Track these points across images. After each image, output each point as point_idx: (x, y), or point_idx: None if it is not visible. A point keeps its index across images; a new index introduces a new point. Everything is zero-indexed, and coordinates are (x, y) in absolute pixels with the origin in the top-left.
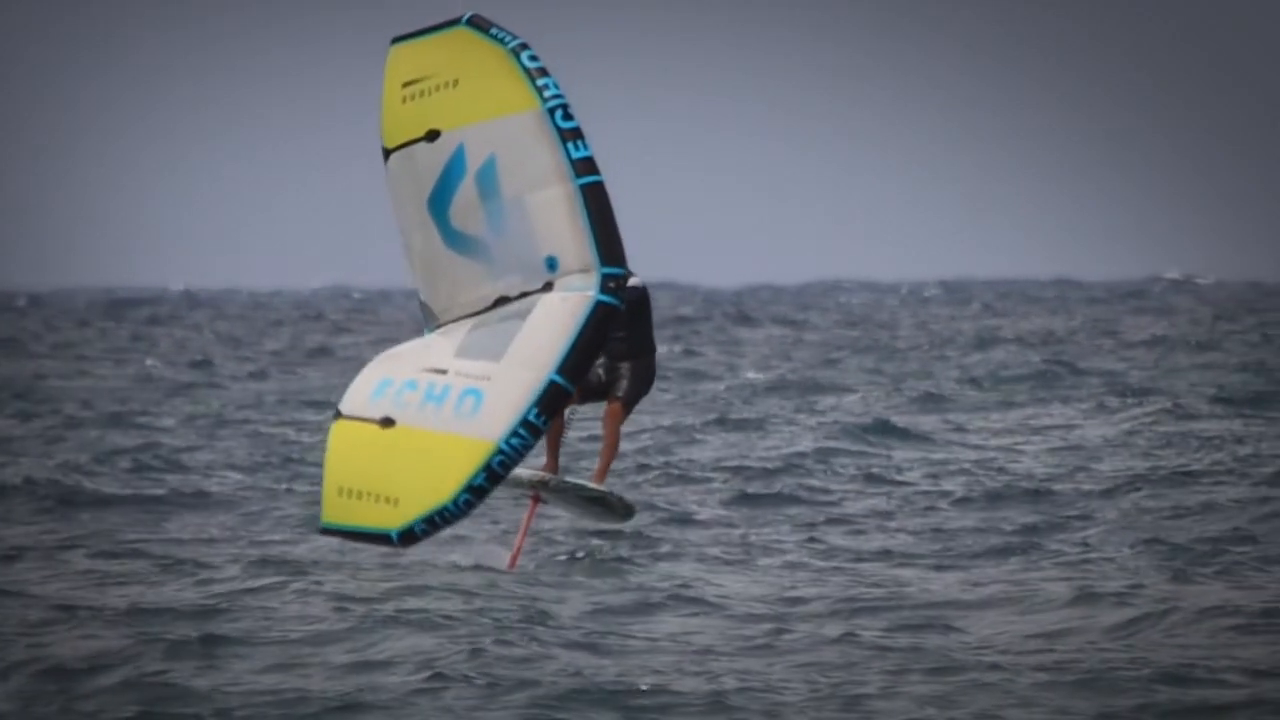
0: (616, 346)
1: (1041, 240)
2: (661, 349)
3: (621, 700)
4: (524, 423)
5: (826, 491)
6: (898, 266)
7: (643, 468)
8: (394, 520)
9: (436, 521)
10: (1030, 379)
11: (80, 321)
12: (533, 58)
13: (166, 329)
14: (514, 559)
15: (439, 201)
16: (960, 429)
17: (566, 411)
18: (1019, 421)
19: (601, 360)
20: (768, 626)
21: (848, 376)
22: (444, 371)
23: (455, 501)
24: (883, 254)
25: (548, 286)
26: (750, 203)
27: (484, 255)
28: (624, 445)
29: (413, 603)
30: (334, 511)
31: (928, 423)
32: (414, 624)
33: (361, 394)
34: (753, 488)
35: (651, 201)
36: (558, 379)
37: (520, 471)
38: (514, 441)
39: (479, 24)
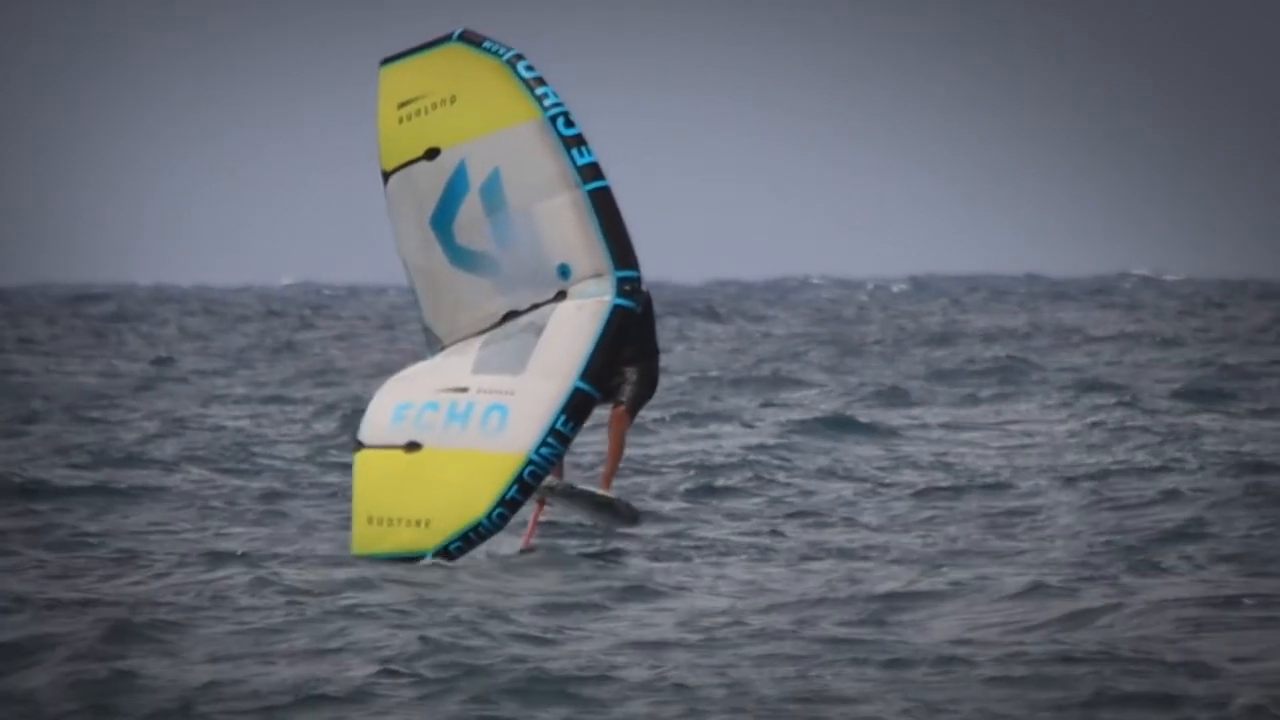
0: (633, 344)
1: (1012, 236)
2: None
3: (574, 690)
4: (553, 432)
5: (786, 486)
6: (867, 262)
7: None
8: (427, 541)
9: (471, 538)
10: (993, 374)
11: (47, 318)
12: (529, 68)
13: (131, 324)
14: (528, 538)
15: (442, 219)
16: (921, 424)
17: None
18: (979, 416)
19: None
20: (725, 619)
21: (811, 372)
22: (465, 390)
23: (490, 516)
24: (852, 250)
25: (560, 295)
26: (718, 198)
27: (491, 270)
28: (586, 438)
29: (367, 596)
30: (364, 540)
31: (889, 417)
32: (366, 616)
33: (380, 421)
34: (714, 481)
35: (618, 197)
36: (583, 385)
37: None
38: (544, 451)
39: (471, 39)
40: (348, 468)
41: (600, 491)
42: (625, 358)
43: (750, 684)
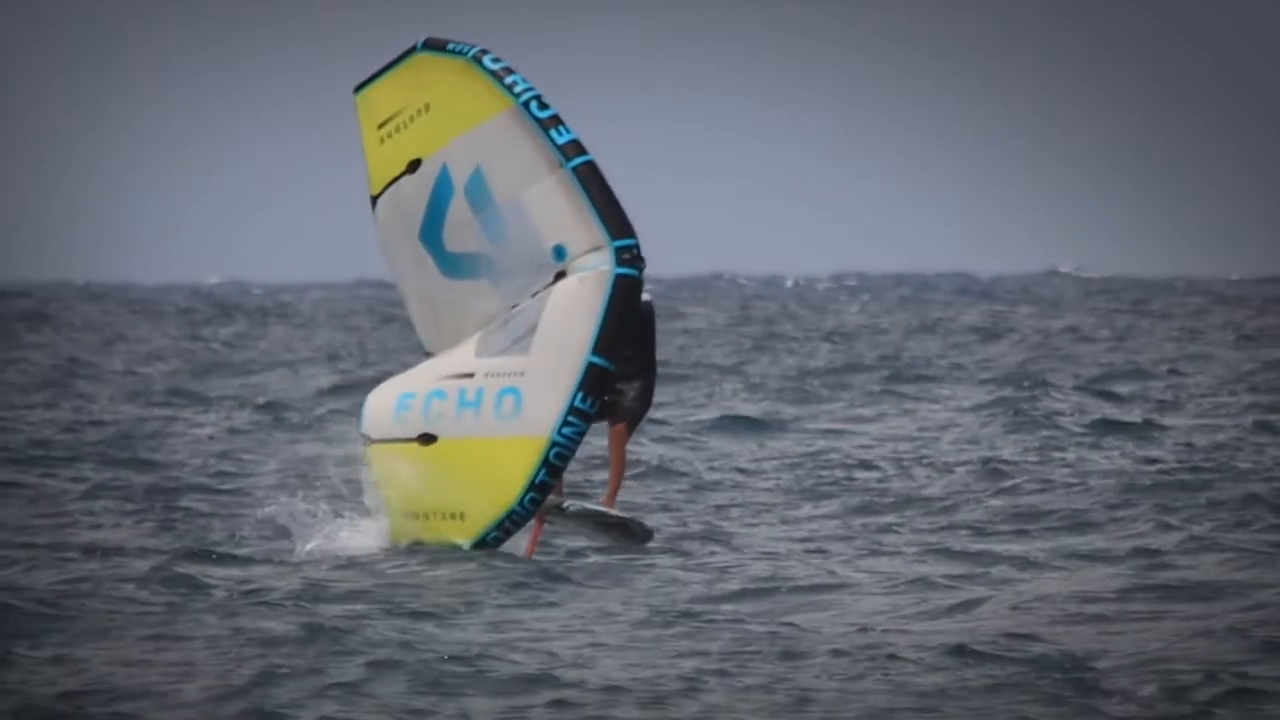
0: (621, 367)
1: (941, 235)
2: None
3: (455, 683)
4: (573, 410)
5: (695, 483)
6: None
7: None
8: (465, 534)
9: (508, 527)
10: (900, 370)
11: None
12: (495, 60)
13: (53, 323)
14: (530, 549)
15: (430, 229)
16: (816, 419)
17: None
18: (881, 411)
19: None
20: (643, 616)
21: (718, 370)
22: (471, 375)
23: (522, 503)
24: (775, 247)
25: (560, 276)
26: (636, 193)
27: (486, 270)
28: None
29: (276, 582)
30: (403, 534)
31: (785, 412)
32: (273, 605)
33: (383, 413)
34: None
35: None
36: (596, 359)
37: None
38: (566, 431)
39: (434, 45)
40: (249, 461)
41: (612, 511)
42: (625, 373)
43: (669, 680)
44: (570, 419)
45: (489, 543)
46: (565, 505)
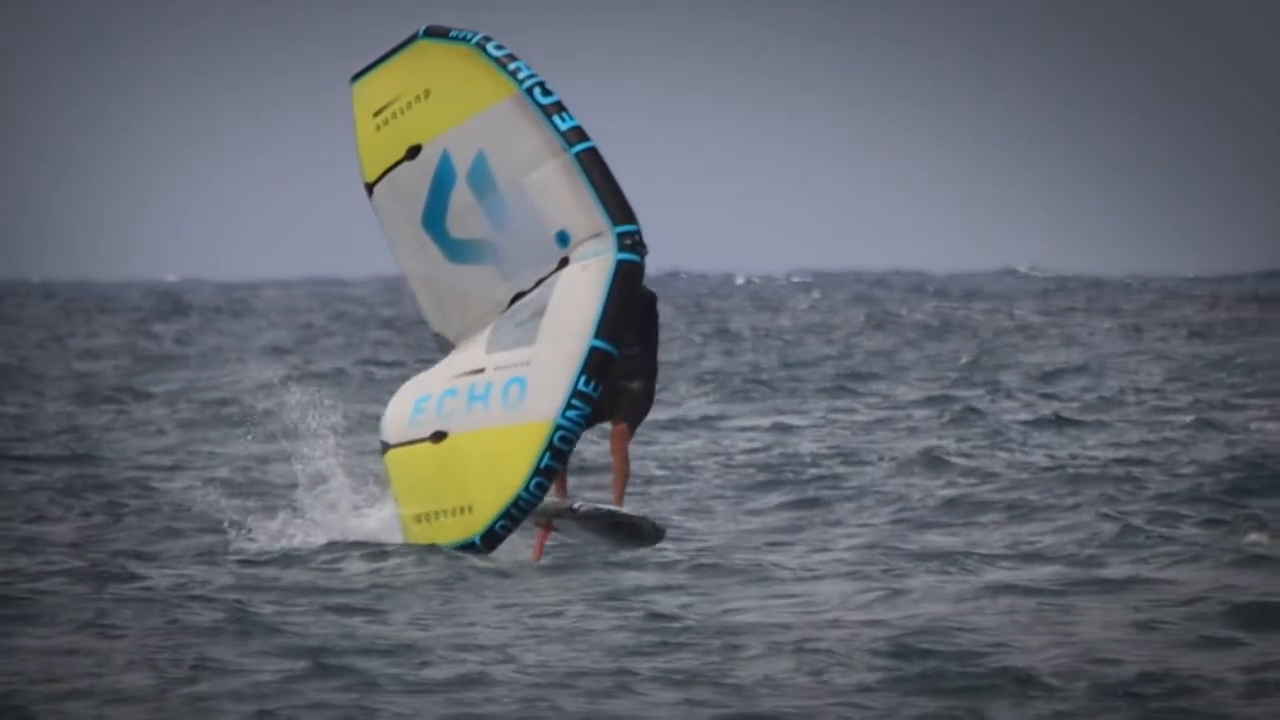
0: (625, 365)
1: (896, 233)
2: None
3: (367, 665)
4: (576, 393)
5: (646, 478)
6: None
7: None
8: (473, 527)
9: (514, 514)
10: (850, 366)
11: None
12: (498, 47)
13: (3, 320)
14: (537, 554)
15: (433, 216)
16: (772, 415)
17: None
18: (829, 406)
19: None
20: (581, 609)
21: (670, 365)
22: (480, 371)
23: (528, 488)
24: (731, 245)
25: (563, 263)
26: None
27: (490, 256)
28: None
29: (213, 577)
30: (416, 538)
31: (740, 410)
32: (208, 600)
33: (399, 419)
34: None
35: None
36: (598, 343)
37: (543, 500)
38: (570, 414)
39: (436, 32)
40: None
41: (622, 510)
42: (627, 371)
43: (574, 670)
44: (574, 402)
45: (498, 533)
46: (575, 506)
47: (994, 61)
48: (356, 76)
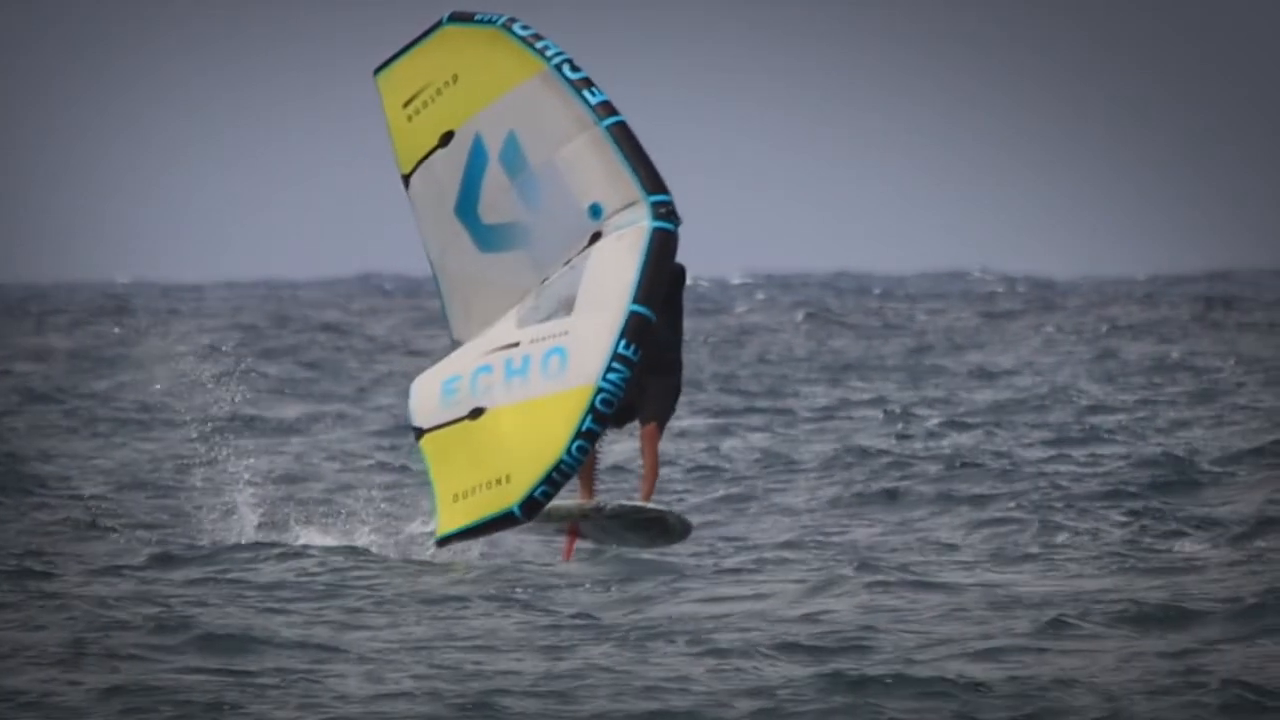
0: (651, 359)
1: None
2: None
3: (298, 653)
4: (616, 356)
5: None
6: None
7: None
8: (511, 496)
9: (555, 479)
10: (784, 369)
11: None
12: (524, 27)
13: None
14: (568, 553)
15: (466, 203)
16: (705, 417)
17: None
18: (753, 408)
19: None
20: (487, 608)
21: None
22: (515, 344)
23: (570, 451)
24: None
25: (595, 239)
26: None
27: (523, 240)
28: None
29: (129, 574)
30: (450, 519)
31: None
32: (116, 600)
33: (429, 402)
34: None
35: None
36: (637, 308)
37: (568, 502)
38: (611, 377)
39: (460, 17)
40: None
41: (650, 505)
42: (655, 365)
43: (483, 670)
44: (615, 365)
45: (538, 500)
46: (602, 506)
47: (946, 61)
48: (379, 69)
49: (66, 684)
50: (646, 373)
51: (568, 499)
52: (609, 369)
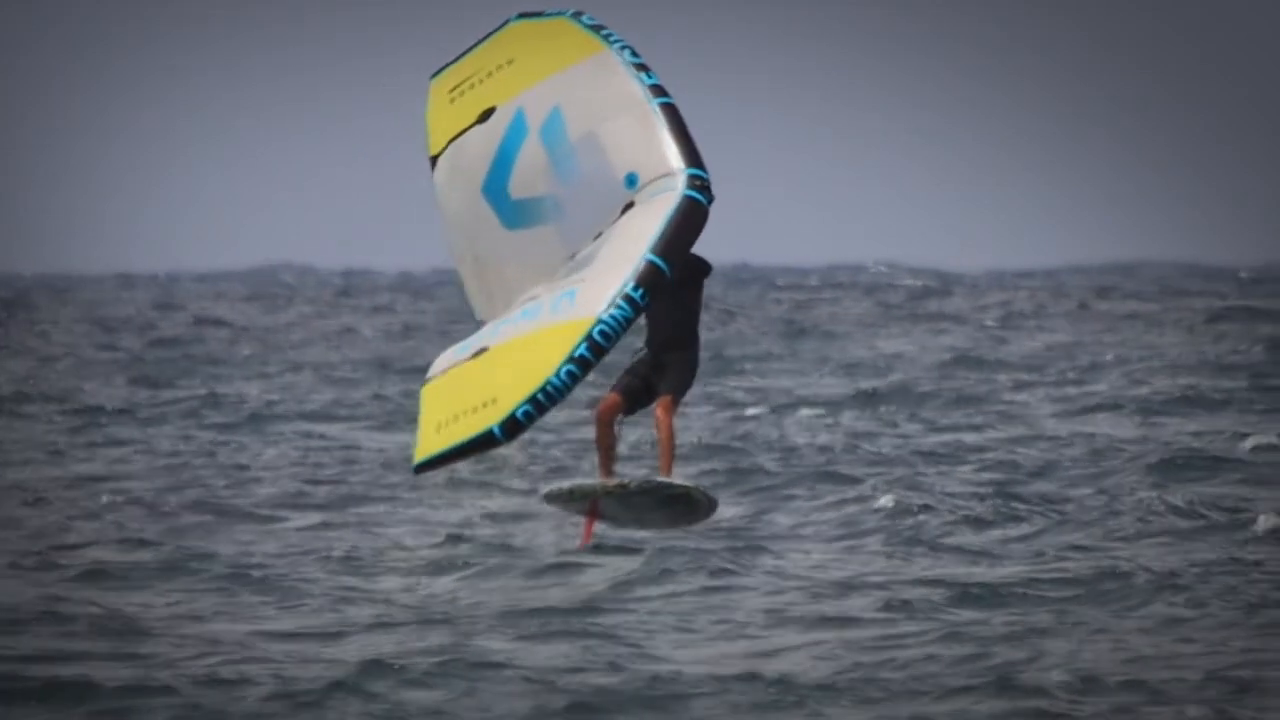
0: (668, 336)
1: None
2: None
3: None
4: (624, 295)
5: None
6: None
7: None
8: (493, 417)
9: (541, 401)
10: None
11: None
12: (591, 18)
13: None
14: (586, 537)
15: (495, 180)
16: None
17: (616, 423)
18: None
19: (645, 354)
20: (399, 590)
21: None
22: (536, 296)
23: (559, 375)
24: None
25: (628, 208)
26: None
27: (553, 213)
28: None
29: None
30: (429, 445)
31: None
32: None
33: (446, 355)
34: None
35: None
36: (653, 258)
37: (592, 481)
38: (615, 313)
39: (529, 15)
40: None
41: (676, 481)
42: (671, 342)
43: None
44: (620, 303)
45: (519, 421)
46: (627, 482)
47: (869, 57)
48: (435, 74)
49: None
50: (664, 349)
51: (591, 479)
52: (613, 305)
